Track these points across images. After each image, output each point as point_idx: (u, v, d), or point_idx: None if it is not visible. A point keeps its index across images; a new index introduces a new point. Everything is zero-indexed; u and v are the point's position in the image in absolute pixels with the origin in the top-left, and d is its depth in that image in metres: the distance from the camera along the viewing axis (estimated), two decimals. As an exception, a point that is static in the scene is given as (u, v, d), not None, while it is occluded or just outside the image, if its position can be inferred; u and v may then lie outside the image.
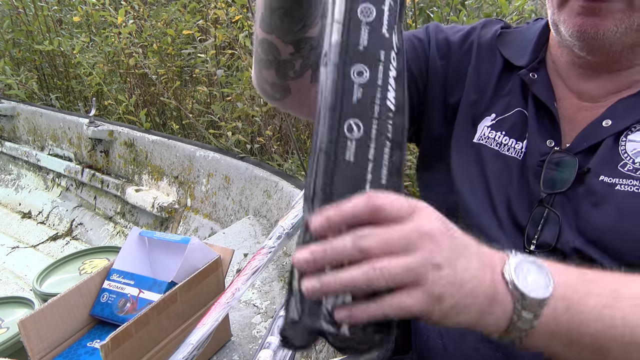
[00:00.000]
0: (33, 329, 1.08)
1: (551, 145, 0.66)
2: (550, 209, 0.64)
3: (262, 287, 1.69)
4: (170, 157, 2.67)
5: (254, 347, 1.38)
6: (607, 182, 0.61)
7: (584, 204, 0.62)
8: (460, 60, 0.76)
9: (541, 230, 0.64)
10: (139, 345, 1.06)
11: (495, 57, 0.74)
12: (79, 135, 3.21)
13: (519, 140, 0.69)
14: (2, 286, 2.53)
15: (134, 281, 1.24)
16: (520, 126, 0.69)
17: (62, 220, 3.16)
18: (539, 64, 0.71)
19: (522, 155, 0.68)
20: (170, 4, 3.15)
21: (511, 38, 0.75)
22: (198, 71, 2.92)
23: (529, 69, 0.70)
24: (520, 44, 0.73)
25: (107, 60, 3.26)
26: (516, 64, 0.72)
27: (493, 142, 0.70)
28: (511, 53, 0.73)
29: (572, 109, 0.68)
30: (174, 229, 2.57)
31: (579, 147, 0.64)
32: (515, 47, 0.74)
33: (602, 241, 0.60)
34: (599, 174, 0.62)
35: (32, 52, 3.89)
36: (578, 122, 0.67)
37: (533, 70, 0.70)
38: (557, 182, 0.64)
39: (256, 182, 2.16)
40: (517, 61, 0.72)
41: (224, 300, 1.03)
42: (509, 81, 0.73)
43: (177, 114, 3.28)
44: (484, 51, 0.75)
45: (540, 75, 0.70)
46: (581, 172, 0.63)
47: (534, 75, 0.70)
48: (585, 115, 0.66)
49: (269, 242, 1.32)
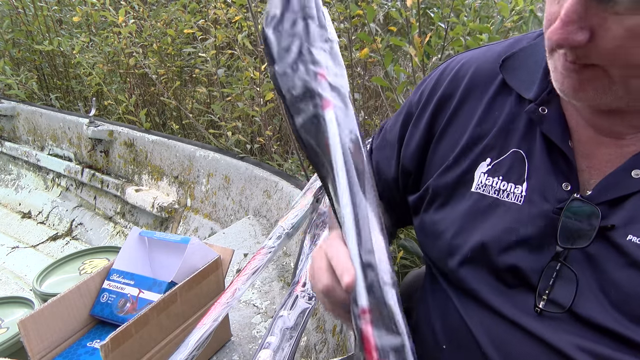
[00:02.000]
0: (33, 329, 1.08)
1: (567, 189, 0.58)
2: (566, 265, 0.56)
3: (262, 287, 1.69)
4: (170, 157, 2.67)
5: (254, 347, 1.38)
6: (637, 242, 0.53)
7: (608, 263, 0.54)
8: (440, 109, 0.70)
9: (552, 287, 0.57)
10: (139, 345, 1.06)
11: (487, 92, 0.66)
12: (79, 135, 3.21)
13: (517, 184, 0.61)
14: (2, 286, 2.53)
15: (134, 281, 1.24)
16: (518, 168, 0.62)
17: (62, 220, 3.16)
18: (550, 94, 0.60)
19: (522, 200, 0.60)
20: (170, 4, 3.15)
21: (518, 63, 0.65)
22: (198, 71, 2.93)
23: (537, 102, 0.61)
24: (528, 69, 0.64)
25: (107, 60, 3.26)
26: (525, 96, 0.62)
27: (491, 189, 0.63)
28: (518, 82, 0.64)
29: (591, 144, 0.59)
30: (174, 229, 2.57)
31: (602, 197, 0.56)
32: (523, 73, 0.64)
33: (626, 304, 0.53)
34: (627, 233, 0.53)
35: (32, 52, 3.89)
36: (598, 160, 0.58)
37: (543, 104, 0.61)
38: (574, 234, 0.56)
39: (256, 182, 2.16)
40: (525, 92, 0.63)
41: (224, 300, 1.03)
42: (510, 114, 0.64)
43: (177, 114, 3.28)
44: (472, 89, 0.68)
45: (551, 110, 0.60)
46: (604, 227, 0.55)
47: (544, 109, 0.60)
48: (607, 153, 0.57)
49: (269, 242, 1.32)
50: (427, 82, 0.75)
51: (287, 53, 0.54)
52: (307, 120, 0.54)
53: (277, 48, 0.54)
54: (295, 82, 0.54)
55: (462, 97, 0.69)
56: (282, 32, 0.55)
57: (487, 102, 0.66)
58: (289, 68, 0.54)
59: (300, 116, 0.54)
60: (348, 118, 0.54)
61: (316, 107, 0.54)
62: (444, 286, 0.69)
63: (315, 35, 0.56)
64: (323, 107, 0.54)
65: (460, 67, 0.71)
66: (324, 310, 1.46)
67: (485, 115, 0.66)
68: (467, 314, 0.64)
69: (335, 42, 0.57)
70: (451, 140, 0.69)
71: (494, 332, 0.61)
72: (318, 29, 0.56)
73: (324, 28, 0.56)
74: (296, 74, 0.54)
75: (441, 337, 0.67)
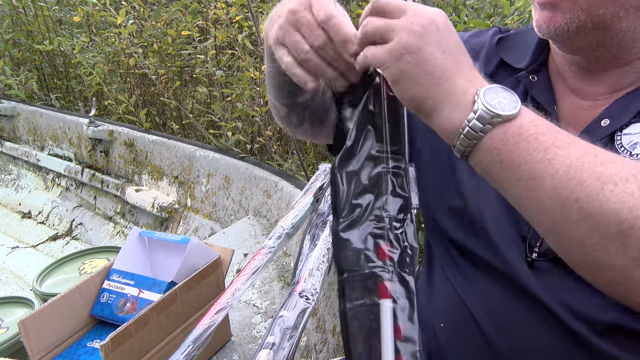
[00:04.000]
0: (33, 329, 1.08)
1: None
2: None
3: (262, 287, 1.69)
4: (170, 157, 2.67)
5: (254, 347, 1.38)
6: None
7: None
8: None
9: (543, 239, 0.63)
10: (139, 345, 1.06)
11: (491, 64, 0.74)
12: (79, 135, 3.21)
13: None
14: (2, 286, 2.53)
15: (134, 281, 1.24)
16: None
17: (62, 220, 3.16)
18: (540, 65, 0.70)
19: None
20: (171, 4, 3.15)
21: (512, 42, 0.75)
22: (198, 71, 2.93)
23: (528, 71, 0.70)
24: (522, 47, 0.73)
25: (107, 60, 3.26)
26: (517, 66, 0.71)
27: None
28: (512, 57, 0.73)
29: (573, 109, 0.68)
30: (174, 229, 2.57)
31: None
32: (517, 50, 0.73)
33: None
34: None
35: (32, 52, 3.89)
36: (578, 122, 0.66)
37: (533, 72, 0.70)
38: None
39: (256, 182, 2.16)
40: (517, 64, 0.71)
41: (224, 300, 1.03)
42: (509, 86, 0.72)
43: (177, 114, 3.28)
44: (480, 60, 0.75)
45: (540, 78, 0.69)
46: None
47: (534, 77, 0.70)
48: (585, 114, 0.66)
49: (269, 242, 1.32)
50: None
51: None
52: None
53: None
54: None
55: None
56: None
57: (488, 76, 0.72)
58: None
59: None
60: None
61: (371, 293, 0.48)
62: (441, 263, 0.74)
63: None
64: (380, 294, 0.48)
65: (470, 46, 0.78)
66: (323, 309, 1.46)
67: None
68: (464, 291, 0.69)
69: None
70: None
71: (490, 304, 0.65)
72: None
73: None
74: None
75: (440, 316, 0.72)
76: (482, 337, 0.66)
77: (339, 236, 0.51)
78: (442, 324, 0.72)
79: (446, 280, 0.73)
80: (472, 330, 0.67)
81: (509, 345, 0.64)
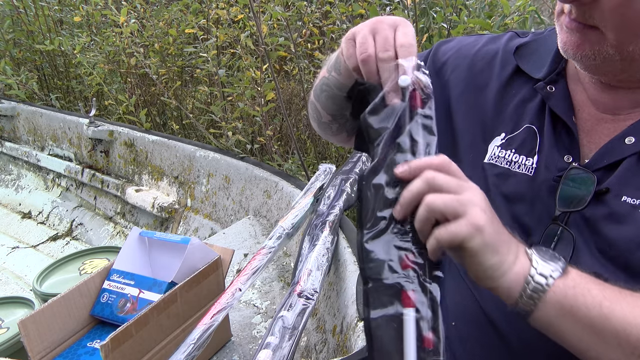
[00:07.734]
0: (33, 329, 1.08)
1: (569, 161, 0.64)
2: (565, 228, 0.62)
3: (262, 287, 1.69)
4: (170, 157, 2.67)
5: (254, 347, 1.38)
6: (631, 203, 0.58)
7: (604, 224, 0.60)
8: (465, 79, 0.76)
9: (554, 249, 0.62)
10: (139, 345, 1.06)
11: (505, 70, 0.73)
12: (79, 136, 3.21)
13: (528, 156, 0.67)
14: (2, 286, 2.53)
15: (134, 281, 1.24)
16: (530, 142, 0.67)
17: (62, 220, 3.16)
18: (558, 75, 0.68)
19: (532, 171, 0.66)
20: (172, 4, 3.15)
21: (530, 50, 0.72)
22: (199, 71, 2.92)
23: (546, 81, 0.68)
24: (540, 55, 0.71)
25: (107, 60, 3.26)
26: (534, 76, 0.70)
27: (503, 160, 0.69)
28: (530, 66, 0.71)
29: (593, 121, 0.65)
30: (174, 229, 2.57)
31: (598, 164, 0.62)
32: (535, 59, 0.71)
33: (621, 257, 0.58)
34: (620, 195, 0.59)
35: (32, 52, 3.89)
36: (598, 135, 0.64)
37: (551, 82, 0.68)
38: (573, 199, 0.62)
39: (256, 182, 2.16)
40: (535, 73, 0.70)
41: (224, 301, 1.03)
42: (526, 95, 0.71)
43: (177, 114, 3.28)
44: (496, 67, 0.74)
45: (558, 88, 0.67)
46: (599, 191, 0.61)
47: (552, 88, 0.68)
48: (605, 128, 0.64)
49: (269, 242, 1.32)
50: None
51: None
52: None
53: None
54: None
55: (483, 78, 0.76)
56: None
57: (503, 83, 0.73)
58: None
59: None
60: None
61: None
62: (454, 260, 0.74)
63: None
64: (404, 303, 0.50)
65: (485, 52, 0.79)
66: (323, 309, 1.46)
67: (502, 96, 0.73)
68: (477, 287, 0.69)
69: None
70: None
71: (502, 301, 0.65)
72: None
73: None
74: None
75: (451, 314, 0.72)
76: (495, 333, 0.66)
77: (364, 247, 0.53)
78: (453, 323, 0.72)
79: (458, 278, 0.72)
80: (484, 326, 0.67)
81: (522, 341, 0.64)
